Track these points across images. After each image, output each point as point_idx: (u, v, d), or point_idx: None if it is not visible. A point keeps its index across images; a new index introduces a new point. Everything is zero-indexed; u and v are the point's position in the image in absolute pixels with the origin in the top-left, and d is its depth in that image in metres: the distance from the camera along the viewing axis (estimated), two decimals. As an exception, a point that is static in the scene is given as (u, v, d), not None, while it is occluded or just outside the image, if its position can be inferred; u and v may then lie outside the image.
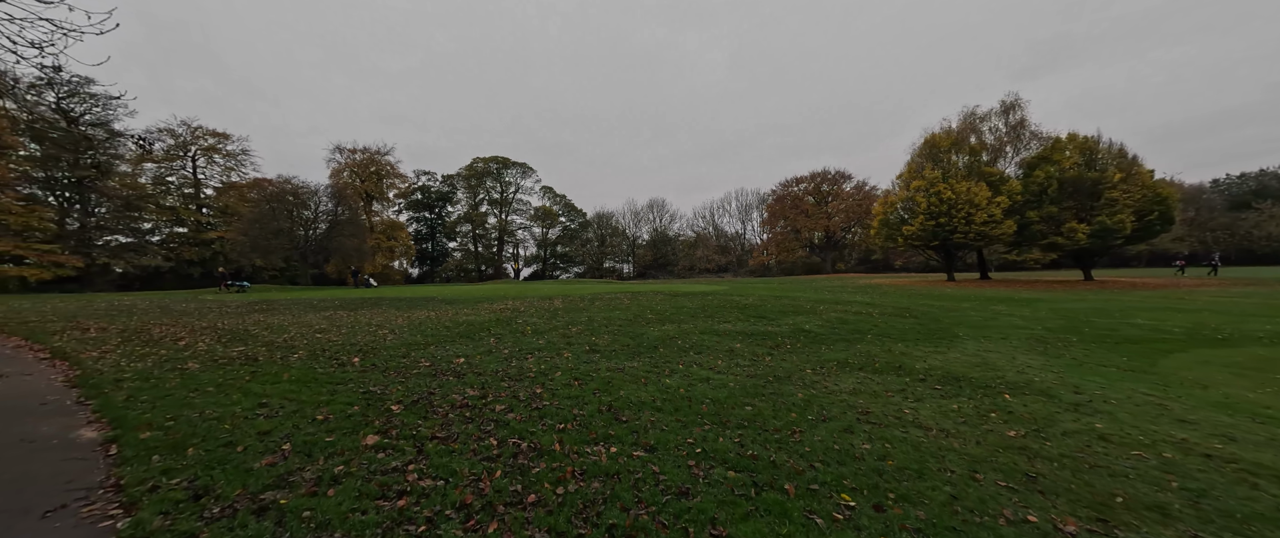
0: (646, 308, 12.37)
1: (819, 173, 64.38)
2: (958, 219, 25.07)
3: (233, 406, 4.56)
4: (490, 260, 69.77)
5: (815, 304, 13.55)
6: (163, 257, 38.63)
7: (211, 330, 9.67)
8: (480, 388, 5.12)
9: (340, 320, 11.42)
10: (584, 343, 7.80)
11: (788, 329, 9.13)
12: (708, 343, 7.75)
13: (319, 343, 8.03)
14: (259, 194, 43.08)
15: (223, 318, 12.24)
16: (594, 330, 9.06)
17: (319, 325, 10.44)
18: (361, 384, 5.31)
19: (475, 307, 14.27)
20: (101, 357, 6.98)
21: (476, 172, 66.21)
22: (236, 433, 3.84)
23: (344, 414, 4.28)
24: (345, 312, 14.00)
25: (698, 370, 5.95)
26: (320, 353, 7.12)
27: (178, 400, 4.73)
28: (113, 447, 3.73)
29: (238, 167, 45.71)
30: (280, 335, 8.98)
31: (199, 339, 8.51)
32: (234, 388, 5.19)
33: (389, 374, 5.78)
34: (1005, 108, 28.51)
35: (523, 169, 67.93)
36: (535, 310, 12.42)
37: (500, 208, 68.92)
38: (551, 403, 4.57)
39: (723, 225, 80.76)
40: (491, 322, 10.38)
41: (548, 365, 6.20)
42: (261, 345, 7.85)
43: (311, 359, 6.69)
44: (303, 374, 5.76)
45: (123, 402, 4.78)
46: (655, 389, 5.07)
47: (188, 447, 3.60)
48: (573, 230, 74.62)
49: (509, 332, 9.04)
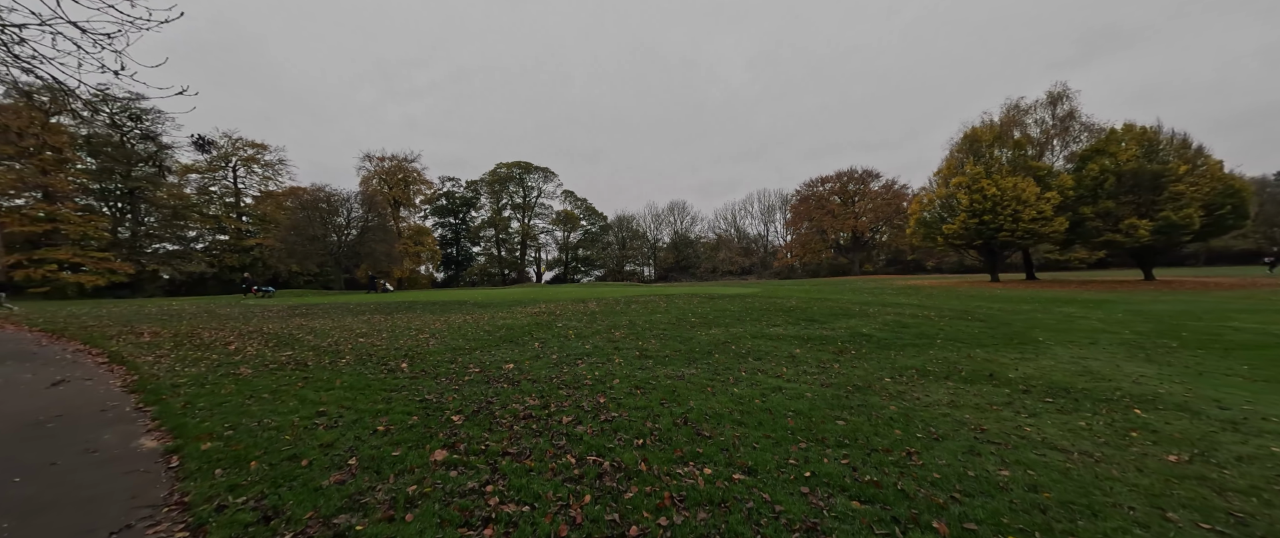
0: (687, 311, 11.95)
1: (845, 172, 62.76)
2: (1003, 217, 23.73)
3: (290, 414, 4.37)
4: (513, 264, 70.51)
5: (861, 306, 12.88)
6: (206, 263, 40.28)
7: (258, 335, 9.73)
8: (540, 397, 4.81)
9: (379, 325, 11.39)
10: (632, 348, 7.45)
11: (844, 333, 8.57)
12: (764, 348, 7.29)
13: (363, 348, 7.92)
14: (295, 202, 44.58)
15: (267, 322, 12.41)
16: (639, 335, 8.70)
17: (360, 330, 10.41)
18: (415, 392, 5.07)
19: (509, 310, 14.12)
20: (156, 361, 7.00)
21: (499, 177, 67.10)
22: (299, 444, 3.62)
23: (404, 425, 4.03)
24: (382, 316, 14.05)
25: (765, 378, 5.51)
26: (367, 358, 6.97)
27: (235, 408, 4.57)
28: (174, 458, 3.55)
29: (275, 176, 47.46)
30: (325, 340, 8.94)
31: (247, 344, 8.53)
32: (289, 394, 5.03)
33: (441, 381, 5.54)
34: (1052, 98, 26.97)
35: (545, 174, 68.52)
36: (572, 314, 12.16)
37: (523, 212, 69.64)
38: (620, 415, 4.22)
39: (745, 227, 79.65)
40: (531, 325, 10.14)
41: (602, 372, 5.87)
42: (308, 350, 7.78)
43: (360, 364, 6.53)
44: (354, 380, 5.58)
45: (180, 409, 4.66)
46: (727, 400, 4.66)
47: (251, 459, 3.38)
48: (593, 234, 74.78)
49: (551, 336, 8.77)
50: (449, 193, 67.36)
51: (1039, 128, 27.09)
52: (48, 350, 8.41)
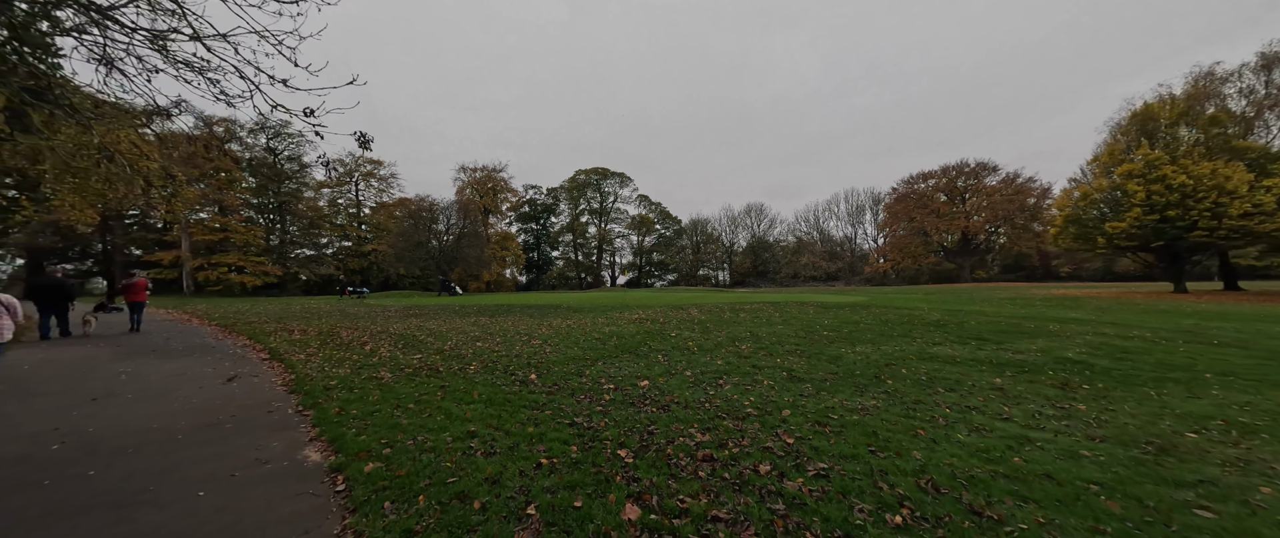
0: (812, 323, 10.60)
1: (953, 166, 55.75)
2: (1198, 212, 18.82)
3: (440, 431, 3.99)
4: (589, 269, 72.31)
5: (1031, 322, 10.56)
6: (334, 266, 46.03)
7: (386, 335, 10.19)
8: (704, 429, 3.99)
9: (488, 327, 11.52)
10: (773, 367, 6.42)
11: (1042, 358, 6.78)
12: (947, 375, 5.86)
13: (484, 354, 7.76)
14: (403, 212, 49.53)
15: (390, 323, 13.21)
16: (770, 350, 7.64)
17: (473, 333, 10.52)
18: (559, 411, 4.53)
19: (606, 315, 13.74)
20: (308, 360, 7.35)
21: (578, 183, 69.27)
22: (461, 475, 3.13)
23: (567, 457, 3.42)
24: (486, 318, 14.40)
25: (987, 420, 4.20)
26: (493, 366, 6.71)
27: (385, 420, 4.33)
28: (340, 479, 3.23)
29: (387, 189, 53.19)
30: (445, 342, 9.04)
31: (379, 344, 8.85)
32: (431, 406, 4.75)
33: (580, 399, 4.97)
34: (1265, 62, 21.09)
35: (621, 179, 69.50)
36: (678, 322, 11.38)
37: (599, 217, 71.21)
38: (831, 467, 3.24)
39: (829, 229, 74.28)
40: (641, 335, 9.51)
41: (758, 398, 4.93)
42: (434, 353, 7.79)
43: (488, 373, 6.26)
44: (490, 392, 5.21)
45: (335, 415, 4.53)
46: (962, 453, 3.48)
47: (417, 491, 2.93)
48: (667, 238, 74.31)
49: (670, 347, 8.02)
50: (531, 200, 70.94)
51: (1246, 98, 21.32)
52: (222, 345, 9.39)
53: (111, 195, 14.29)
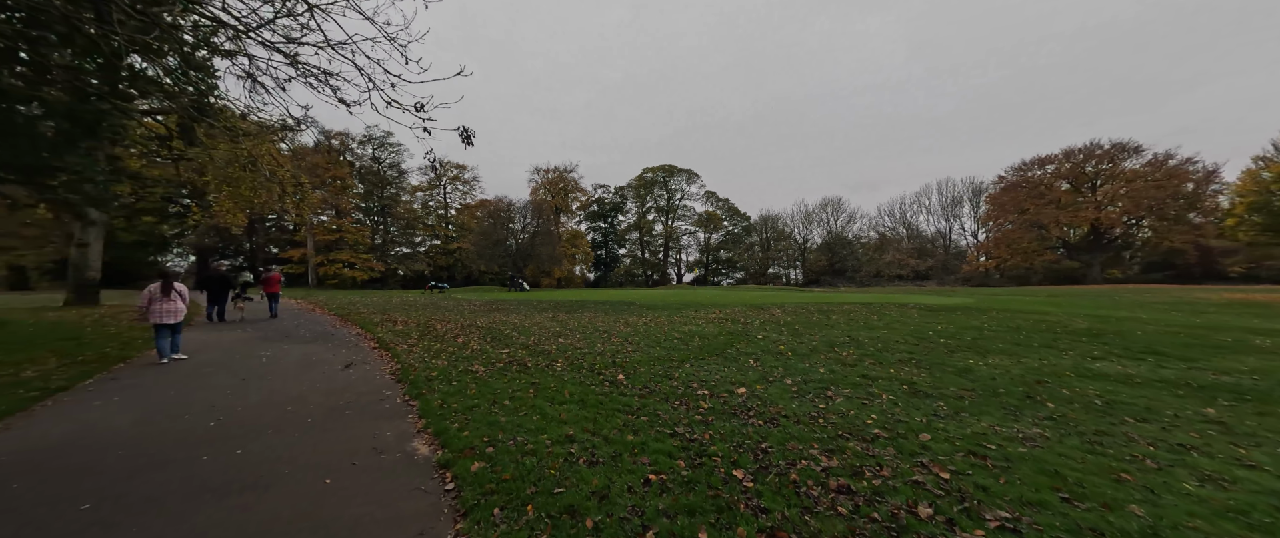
0: (921, 328, 9.39)
1: (1080, 148, 47.74)
2: None
3: (537, 432, 3.87)
4: (656, 266, 72.41)
5: (1226, 334, 8.43)
6: (426, 262, 50.54)
7: (475, 329, 10.69)
8: (827, 451, 3.46)
9: (567, 323, 11.67)
10: (888, 378, 5.63)
11: (1257, 381, 5.25)
12: (1127, 399, 4.71)
13: (568, 351, 7.75)
14: (484, 212, 53.06)
15: (475, 316, 13.95)
16: (876, 357, 6.78)
17: (553, 328, 10.70)
18: (655, 417, 4.23)
19: (681, 314, 13.37)
20: (410, 351, 7.82)
21: (645, 181, 69.56)
22: (567, 485, 2.93)
23: (675, 474, 3.09)
24: (563, 314, 14.69)
25: (1222, 466, 3.20)
26: (578, 364, 6.63)
27: (484, 417, 4.32)
28: (448, 476, 3.19)
29: (470, 191, 57.33)
30: (528, 337, 9.23)
31: (470, 338, 9.25)
32: (525, 404, 4.70)
33: (675, 405, 4.64)
34: None
35: (688, 175, 68.66)
36: (761, 322, 10.70)
37: (666, 215, 70.97)
38: (1017, 517, 2.57)
39: (918, 224, 67.44)
40: (724, 335, 9.01)
41: (882, 416, 4.26)
42: (521, 349, 7.94)
43: (575, 371, 6.17)
44: (582, 393, 5.07)
45: (438, 408, 4.63)
46: (1204, 510, 2.62)
47: (525, 500, 2.77)
48: (736, 235, 72.14)
49: (760, 351, 7.45)
50: (600, 199, 72.54)
51: None
52: (340, 333, 10.41)
53: (257, 200, 16.81)
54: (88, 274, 14.99)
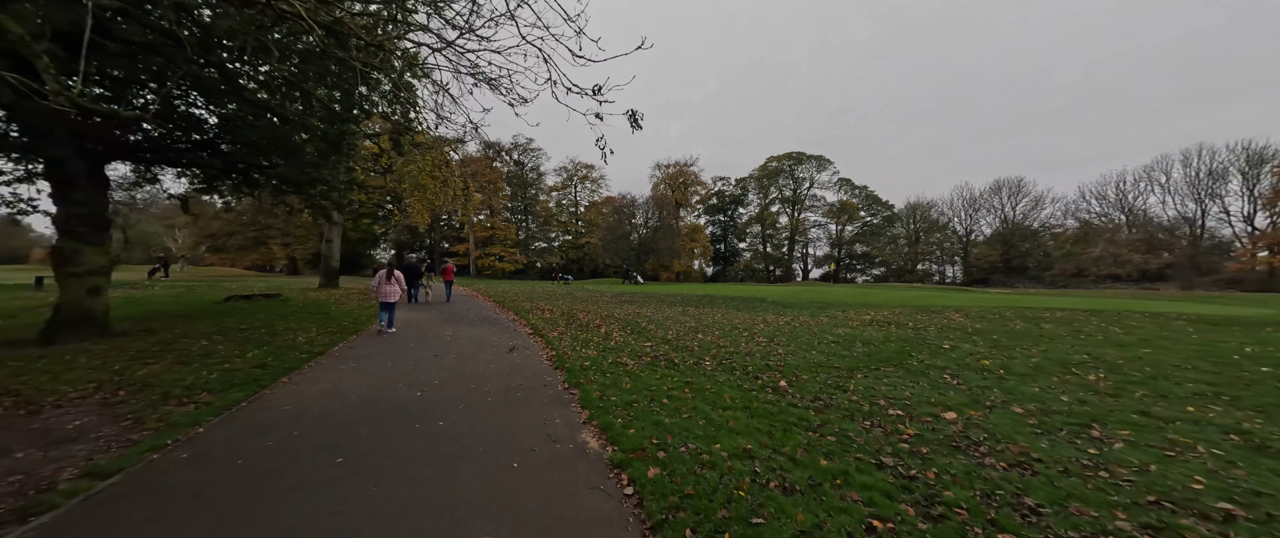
0: (1213, 348, 6.69)
1: None
2: None
3: (709, 440, 3.51)
4: (779, 261, 68.16)
5: None
6: (559, 256, 55.51)
7: (613, 320, 11.01)
8: (1151, 531, 2.37)
9: (699, 318, 11.31)
10: (1181, 418, 3.94)
11: None
12: None
13: (711, 348, 7.34)
14: (609, 208, 56.11)
15: (608, 307, 14.50)
16: (1151, 387, 4.89)
17: (688, 323, 10.42)
18: (846, 439, 3.53)
19: (826, 314, 11.96)
20: (560, 338, 8.27)
21: (769, 171, 65.77)
22: (766, 518, 2.46)
23: (907, 524, 2.40)
24: (693, 308, 14.40)
25: None
26: (728, 365, 6.16)
27: (646, 415, 4.12)
28: (624, 479, 3.00)
29: (597, 189, 61.10)
30: (665, 331, 9.10)
31: (610, 329, 9.49)
32: (684, 404, 4.40)
33: (866, 427, 3.86)
34: None
35: (818, 162, 62.85)
36: (938, 329, 8.88)
37: (792, 206, 66.17)
38: None
39: (1148, 208, 50.93)
40: (890, 340, 7.64)
41: (1215, 480, 2.88)
42: (662, 343, 7.80)
43: (727, 373, 5.71)
44: (743, 399, 4.59)
45: (598, 399, 4.60)
46: None
47: (721, 529, 2.39)
48: (875, 226, 63.86)
49: (955, 365, 6.04)
50: (720, 192, 70.97)
51: None
52: (500, 318, 11.67)
53: (438, 203, 20.25)
54: (332, 264, 19.73)
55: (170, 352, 6.36)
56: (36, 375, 5.08)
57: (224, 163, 8.43)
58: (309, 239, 36.23)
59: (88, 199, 6.90)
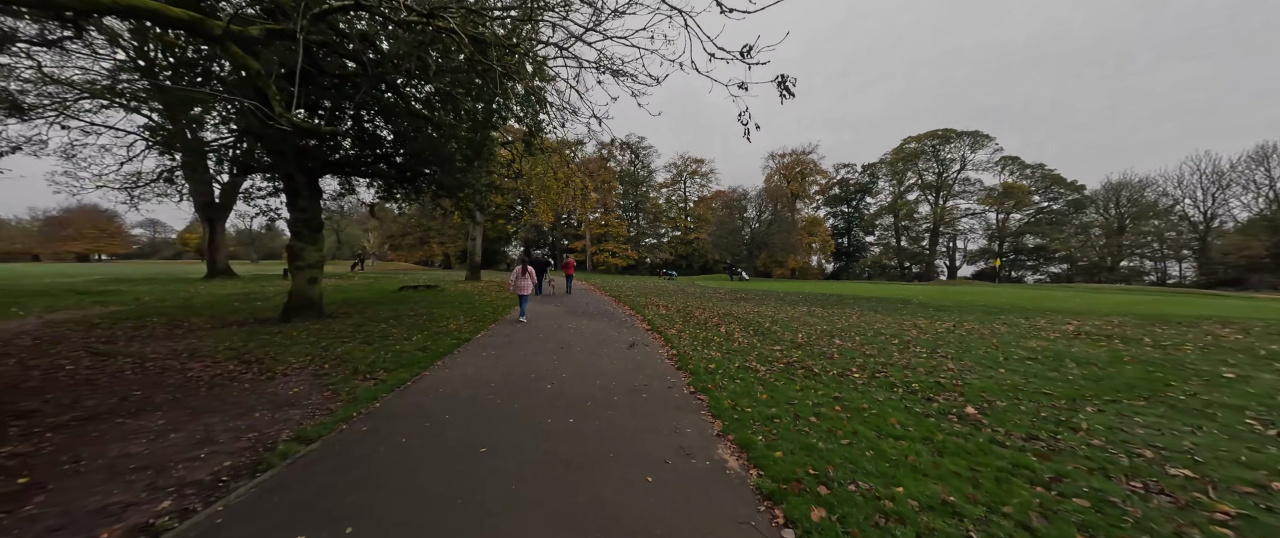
0: None
1: None
2: None
3: (887, 481, 2.77)
4: (917, 257, 59.15)
5: None
6: (669, 252, 55.96)
7: (731, 318, 10.37)
8: None
9: (832, 321, 10.02)
10: None
11: None
12: None
13: (856, 357, 6.29)
14: (719, 203, 54.74)
15: (723, 305, 13.83)
16: None
17: (818, 325, 9.28)
18: (1108, 509, 2.48)
19: (1002, 320, 9.63)
20: (679, 336, 7.95)
21: (905, 155, 57.40)
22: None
23: None
24: (820, 309, 12.96)
25: None
26: (884, 379, 5.14)
27: (794, 436, 3.51)
28: (779, 516, 2.48)
29: (706, 184, 60.06)
30: (793, 333, 8.18)
31: (731, 328, 8.88)
32: (836, 424, 3.67)
33: (1137, 489, 2.71)
34: None
35: (974, 138, 52.83)
36: (1196, 345, 6.41)
37: (935, 192, 56.83)
38: None
39: None
40: (1127, 362, 5.67)
41: None
42: (793, 347, 6.96)
43: (885, 389, 4.74)
44: (919, 428, 3.67)
45: (730, 409, 4.11)
46: None
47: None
48: (1054, 213, 51.39)
49: (1259, 402, 4.16)
50: (843, 181, 64.28)
51: None
52: (617, 312, 11.86)
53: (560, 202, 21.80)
54: (475, 259, 22.53)
55: (360, 333, 7.61)
56: (274, 347, 6.44)
57: (397, 173, 9.93)
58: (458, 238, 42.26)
59: (308, 207, 8.64)
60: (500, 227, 34.77)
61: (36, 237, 60.02)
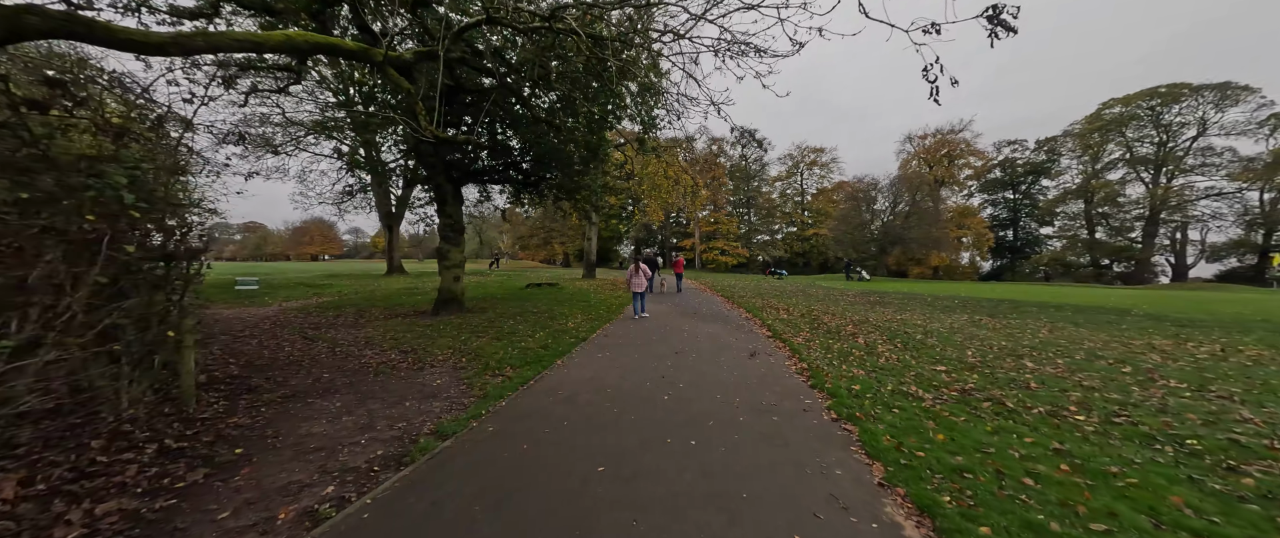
0: None
1: None
2: None
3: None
4: (1121, 252, 45.84)
5: None
6: (783, 249, 52.51)
7: (870, 326, 8.93)
8: None
9: (1013, 335, 7.92)
10: None
11: None
12: None
13: (1076, 393, 4.72)
14: (842, 195, 49.49)
15: (859, 310, 12.11)
16: None
17: (992, 340, 7.39)
18: None
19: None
20: (807, 346, 7.00)
21: (1103, 123, 44.92)
22: None
23: None
24: (987, 317, 10.53)
25: None
26: (1127, 427, 3.67)
27: (1003, 506, 2.55)
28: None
29: (827, 175, 54.83)
30: (958, 349, 6.60)
31: (870, 338, 7.58)
32: (1078, 500, 2.58)
33: None
34: None
35: (1220, 93, 39.00)
36: None
37: (1153, 169, 43.39)
38: None
39: None
40: None
41: None
42: (965, 370, 5.55)
43: (1136, 445, 3.35)
44: (1238, 518, 2.41)
45: (893, 450, 3.25)
46: None
47: None
48: (1382, 188, 35.12)
49: None
50: (1007, 161, 53.04)
51: None
52: (731, 315, 11.14)
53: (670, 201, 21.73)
54: (591, 258, 23.70)
55: (492, 328, 8.26)
56: (425, 339, 7.26)
57: (524, 178, 10.69)
58: (575, 238, 45.28)
59: (453, 212, 9.72)
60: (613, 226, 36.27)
61: (287, 241, 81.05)
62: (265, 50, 4.33)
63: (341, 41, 4.51)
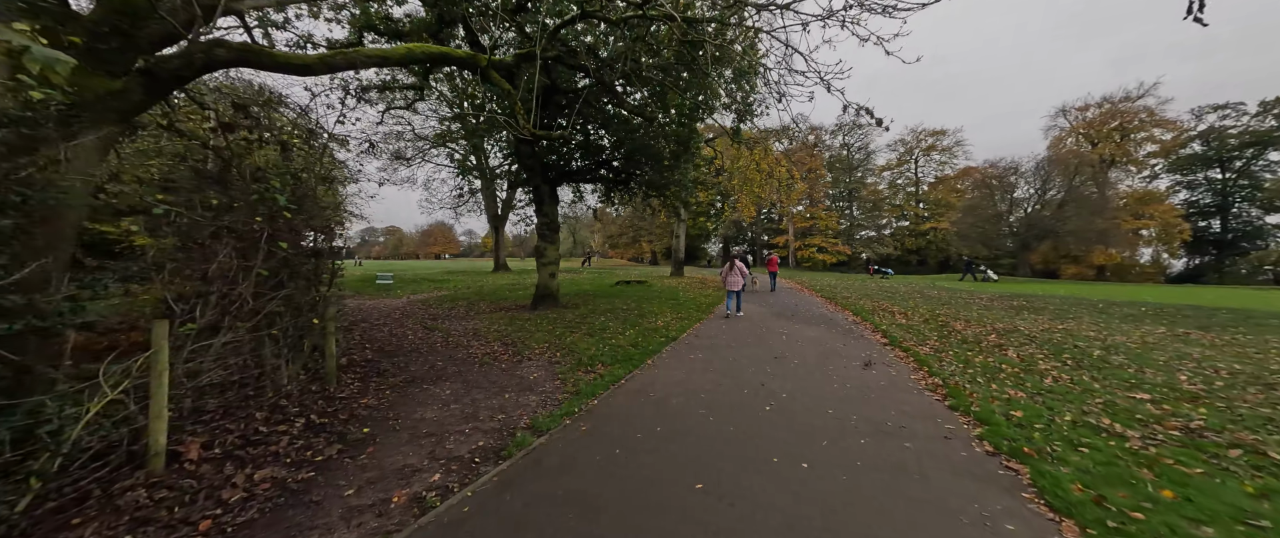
0: None
1: None
2: None
3: None
4: None
5: None
6: (893, 245, 47.08)
7: (1017, 335, 7.35)
8: None
9: (1245, 355, 5.88)
10: None
11: None
12: None
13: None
14: (968, 183, 42.77)
15: (999, 316, 10.16)
16: None
17: (1213, 360, 5.54)
18: None
19: None
20: (937, 357, 5.93)
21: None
22: None
23: None
24: (1196, 331, 8.08)
25: None
26: None
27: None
28: None
29: (950, 160, 47.81)
30: (1164, 372, 5.03)
31: (1030, 353, 6.19)
32: None
33: None
34: None
35: None
36: None
37: None
38: None
39: None
40: None
41: None
42: (1181, 400, 4.18)
43: None
44: None
45: (1088, 503, 2.45)
46: None
47: None
48: None
49: None
50: (1212, 131, 41.21)
51: None
52: (835, 317, 10.04)
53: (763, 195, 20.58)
54: (679, 255, 23.48)
55: (584, 324, 8.41)
56: (524, 332, 7.61)
57: (614, 175, 10.79)
58: (663, 237, 45.48)
59: (549, 212, 10.15)
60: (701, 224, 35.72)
61: (417, 242, 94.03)
62: (391, 63, 4.79)
63: (452, 51, 4.83)
